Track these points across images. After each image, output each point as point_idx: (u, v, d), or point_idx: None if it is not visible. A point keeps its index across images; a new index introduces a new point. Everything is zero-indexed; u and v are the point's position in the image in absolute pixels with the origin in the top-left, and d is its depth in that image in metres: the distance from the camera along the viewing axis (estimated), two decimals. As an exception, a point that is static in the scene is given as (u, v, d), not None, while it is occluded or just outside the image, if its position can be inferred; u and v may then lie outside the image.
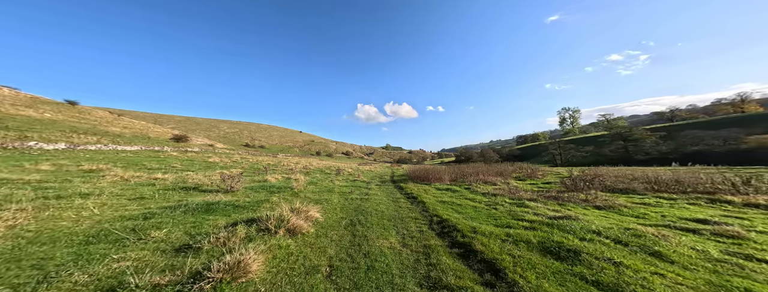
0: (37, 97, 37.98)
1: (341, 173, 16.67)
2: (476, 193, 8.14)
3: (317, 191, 7.50)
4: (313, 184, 9.33)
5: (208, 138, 60.42)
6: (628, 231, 3.45)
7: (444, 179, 11.45)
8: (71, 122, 30.95)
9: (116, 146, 20.77)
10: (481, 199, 6.94)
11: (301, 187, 7.61)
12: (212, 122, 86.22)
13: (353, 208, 5.69)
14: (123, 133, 34.77)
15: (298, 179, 9.61)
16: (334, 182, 10.51)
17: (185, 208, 4.14)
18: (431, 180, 11.54)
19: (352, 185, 10.34)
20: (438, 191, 8.75)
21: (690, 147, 36.20)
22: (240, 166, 16.24)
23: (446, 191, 8.91)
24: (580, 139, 49.27)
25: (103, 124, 36.35)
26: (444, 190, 9.12)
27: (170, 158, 16.66)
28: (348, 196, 7.28)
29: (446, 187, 9.65)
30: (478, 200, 6.85)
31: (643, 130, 39.12)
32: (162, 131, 43.32)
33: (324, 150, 76.72)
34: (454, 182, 11.49)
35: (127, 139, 28.36)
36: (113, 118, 41.42)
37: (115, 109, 65.11)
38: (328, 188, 8.40)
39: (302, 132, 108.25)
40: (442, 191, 8.95)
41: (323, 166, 23.36)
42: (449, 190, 9.05)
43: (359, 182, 12.15)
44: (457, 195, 7.92)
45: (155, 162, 13.29)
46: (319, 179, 11.30)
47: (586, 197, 6.27)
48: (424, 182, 11.48)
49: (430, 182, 11.30)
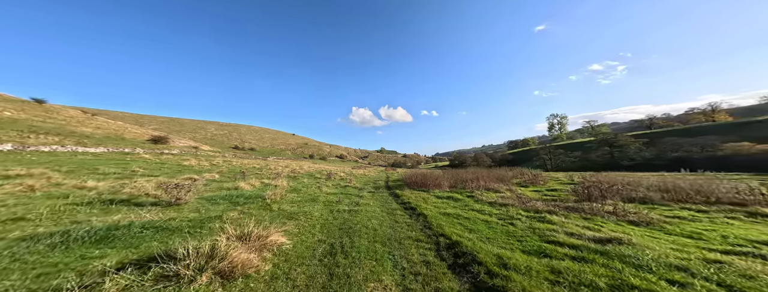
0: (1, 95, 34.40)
1: (332, 178, 15.31)
2: (482, 202, 7.08)
3: (297, 202, 6.18)
4: (296, 191, 7.97)
5: (194, 140, 57.05)
6: (716, 265, 2.44)
7: (443, 186, 10.38)
8: (34, 121, 27.89)
9: (78, 147, 18.44)
10: (490, 210, 5.87)
11: (278, 196, 6.26)
12: (199, 123, 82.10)
13: (338, 224, 4.45)
14: (93, 133, 31.80)
15: (279, 185, 8.24)
16: (322, 189, 9.19)
17: (69, 236, 2.75)
18: (429, 186, 10.43)
19: (342, 192, 9.05)
20: (438, 200, 7.63)
21: (671, 153, 37.37)
22: (218, 169, 14.53)
23: (448, 199, 7.80)
24: (568, 145, 50.20)
25: (73, 124, 33.17)
26: (445, 198, 8.01)
27: (136, 161, 14.74)
28: (334, 207, 6.00)
29: (447, 194, 8.55)
30: (487, 211, 5.77)
31: (627, 137, 40.21)
32: (141, 132, 40.23)
33: (318, 153, 74.45)
34: (453, 188, 10.44)
35: (96, 141, 25.74)
36: (85, 118, 38.07)
37: (91, 108, 60.61)
38: (311, 197, 7.08)
39: (295, 135, 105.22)
40: (442, 199, 7.84)
41: (314, 170, 21.82)
42: (451, 198, 7.95)
43: (351, 188, 10.86)
44: (460, 205, 6.83)
45: (115, 166, 11.46)
46: (304, 185, 9.92)
47: (613, 209, 5.32)
48: (421, 189, 10.34)
49: (429, 189, 10.18)
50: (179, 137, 53.32)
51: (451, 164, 66.89)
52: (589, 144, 44.98)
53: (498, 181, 11.37)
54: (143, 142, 33.23)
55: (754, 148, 30.56)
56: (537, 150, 48.56)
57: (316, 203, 6.22)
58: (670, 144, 38.75)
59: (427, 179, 11.08)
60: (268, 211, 4.68)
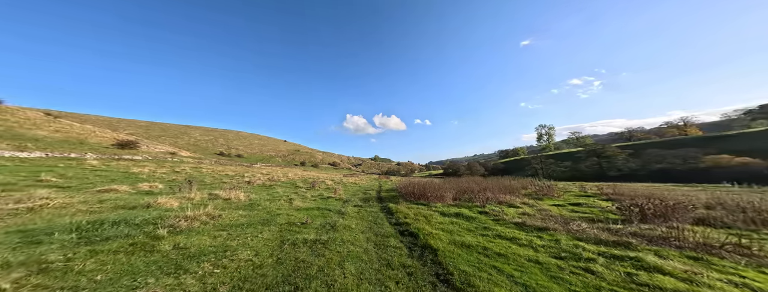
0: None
1: (316, 187, 12.92)
2: (505, 223, 5.09)
3: (235, 226, 3.92)
4: (249, 208, 5.65)
5: (175, 145, 52.43)
6: None
7: (446, 198, 8.33)
8: (-28, 121, 23.83)
9: (8, 152, 15.10)
10: (529, 238, 3.89)
11: (203, 218, 3.93)
12: (182, 128, 76.89)
13: (277, 279, 2.28)
14: (47, 137, 27.76)
15: (231, 198, 5.91)
16: (293, 203, 6.89)
17: None
18: (430, 199, 8.36)
19: (319, 206, 6.79)
20: (445, 219, 5.57)
21: (655, 165, 37.73)
22: (170, 178, 11.82)
23: (456, 217, 5.75)
24: (558, 155, 50.29)
25: (25, 127, 28.99)
26: (452, 215, 5.97)
27: (70, 168, 11.80)
28: (294, 235, 3.79)
29: (454, 210, 6.49)
30: (524, 240, 3.79)
31: (614, 148, 40.55)
32: (108, 137, 36.01)
33: (309, 160, 70.78)
34: (457, 200, 8.44)
35: (45, 144, 22.04)
36: (44, 121, 33.71)
37: (64, 111, 55.10)
38: (265, 217, 4.82)
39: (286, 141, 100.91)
40: (450, 217, 5.78)
41: (300, 177, 19.20)
42: (460, 215, 5.91)
43: (334, 200, 8.59)
44: (477, 227, 4.81)
45: (25, 173, 8.65)
46: (271, 198, 7.57)
47: (723, 241, 3.47)
48: (420, 202, 8.25)
49: (429, 202, 8.11)
50: (157, 143, 48.75)
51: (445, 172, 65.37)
52: (578, 154, 45.09)
53: (507, 192, 9.51)
54: (107, 147, 29.39)
55: (733, 160, 31.15)
56: (529, 159, 48.15)
57: (267, 228, 3.99)
58: (654, 156, 39.33)
59: (427, 190, 9.04)
60: (144, 253, 2.44)
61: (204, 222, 3.71)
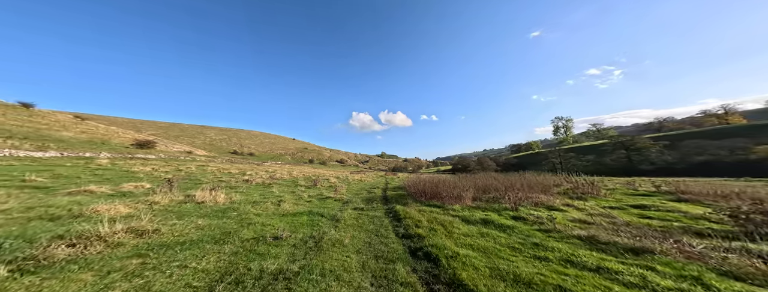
0: (-21, 97, 32.17)
1: (317, 185, 11.84)
2: (563, 237, 3.53)
3: (171, 246, 2.69)
4: (224, 213, 4.49)
5: (192, 145, 54.23)
6: None
7: (465, 198, 6.78)
8: (7, 126, 25.23)
9: (27, 152, 15.34)
10: (627, 267, 2.32)
11: (120, 235, 2.72)
12: (199, 129, 79.81)
13: None
14: (73, 137, 29.00)
15: (205, 201, 4.78)
16: (281, 205, 5.70)
17: None
18: (445, 199, 6.85)
19: (313, 209, 5.54)
20: (471, 229, 4.09)
21: (696, 157, 33.32)
22: (169, 176, 11.14)
23: (486, 225, 4.25)
24: (579, 148, 46.26)
25: (54, 129, 30.51)
26: (479, 223, 4.47)
27: (73, 167, 11.52)
28: (252, 260, 2.51)
29: (480, 216, 4.95)
30: (624, 271, 2.24)
31: (646, 140, 36.30)
32: (130, 137, 37.45)
33: (317, 158, 70.99)
34: (477, 200, 6.88)
35: (68, 145, 22.78)
36: (72, 123, 35.55)
37: (93, 115, 58.57)
38: (233, 228, 3.60)
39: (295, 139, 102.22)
40: (477, 225, 4.29)
41: (305, 175, 18.34)
42: (490, 223, 4.40)
43: (332, 201, 7.35)
44: (523, 242, 3.30)
45: (17, 173, 8.18)
46: (262, 199, 6.45)
47: None
48: (433, 203, 6.78)
49: (444, 202, 6.62)
50: (176, 142, 50.54)
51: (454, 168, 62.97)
52: (603, 147, 41.06)
53: (539, 190, 7.77)
54: (127, 147, 30.39)
55: (795, 150, 26.57)
56: (545, 154, 44.67)
57: (218, 248, 2.73)
58: (693, 147, 34.78)
59: (441, 188, 7.52)
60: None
61: (116, 244, 2.50)
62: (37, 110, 34.81)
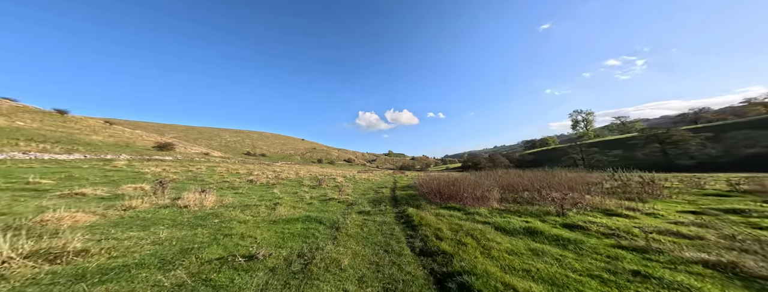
0: (22, 107, 34.96)
1: (322, 185, 11.10)
2: (687, 265, 2.32)
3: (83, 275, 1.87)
4: (203, 220, 3.72)
5: (208, 147, 56.31)
6: None
7: (490, 199, 5.61)
8: (42, 131, 26.92)
9: (53, 155, 15.95)
10: None
11: (16, 264, 1.93)
12: (215, 131, 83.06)
13: None
14: (103, 141, 30.62)
15: (188, 205, 4.06)
16: (276, 209, 4.90)
17: None
18: (466, 200, 5.72)
19: (311, 214, 4.67)
20: (517, 243, 2.98)
21: (745, 150, 29.17)
22: (171, 178, 10.88)
23: (534, 238, 3.13)
24: (603, 143, 42.49)
25: (85, 133, 32.43)
26: (523, 234, 3.35)
27: (89, 169, 11.63)
28: None
29: (519, 223, 3.79)
30: None
31: (684, 132, 32.37)
32: (152, 140, 39.26)
33: (326, 157, 71.35)
34: (504, 201, 5.69)
35: (95, 148, 23.87)
36: (102, 127, 37.79)
37: (114, 118, 62.51)
38: (201, 242, 2.77)
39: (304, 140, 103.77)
40: (522, 238, 3.18)
41: (310, 175, 17.81)
42: (539, 234, 3.26)
43: (335, 202, 6.48)
44: (619, 270, 2.15)
45: (30, 174, 8.10)
46: (259, 201, 5.71)
47: None
48: (451, 205, 5.67)
49: (464, 204, 5.50)
50: (194, 144, 52.63)
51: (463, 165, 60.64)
52: (632, 141, 37.30)
53: (579, 189, 6.39)
54: (148, 149, 31.71)
55: None
56: (564, 149, 41.44)
57: (154, 278, 1.85)
58: (741, 139, 30.50)
59: (459, 187, 6.38)
60: None
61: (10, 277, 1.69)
62: (71, 116, 37.35)
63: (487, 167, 46.63)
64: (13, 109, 32.16)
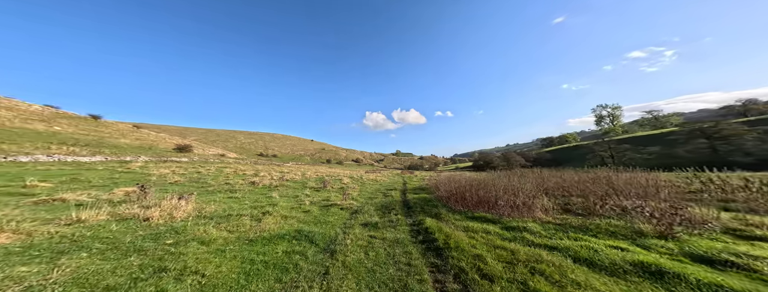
0: (62, 113, 37.71)
1: (327, 187, 10.15)
2: None
3: None
4: (154, 240, 2.74)
5: (225, 148, 58.30)
6: None
7: (535, 208, 4.21)
8: (76, 135, 28.60)
9: (65, 156, 16.44)
10: None
11: None
12: (231, 133, 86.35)
13: None
14: (129, 144, 32.10)
15: (151, 218, 3.13)
16: (263, 221, 3.89)
17: None
18: (501, 209, 4.35)
19: (303, 227, 3.61)
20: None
21: (819, 143, 24.43)
22: (175, 179, 10.43)
23: (656, 280, 1.76)
24: (635, 139, 38.17)
25: (114, 137, 34.27)
26: (631, 270, 1.99)
27: (104, 171, 11.61)
28: None
29: (615, 252, 2.40)
30: None
31: (737, 125, 27.90)
32: (173, 142, 41.00)
33: (334, 157, 71.41)
34: (547, 212, 4.26)
35: (121, 150, 24.84)
36: (130, 131, 40.02)
37: (142, 123, 66.61)
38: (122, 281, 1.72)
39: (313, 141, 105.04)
40: (634, 278, 1.81)
41: (317, 176, 17.03)
42: (661, 275, 1.88)
43: (337, 209, 5.41)
44: None
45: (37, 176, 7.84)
46: (246, 209, 4.76)
47: None
48: (479, 214, 4.34)
49: (501, 214, 4.15)
50: (212, 146, 54.69)
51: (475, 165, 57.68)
52: (671, 136, 33.00)
53: (652, 196, 4.77)
54: (169, 151, 32.89)
55: None
56: (590, 146, 37.70)
57: None
58: (814, 131, 25.64)
59: (492, 191, 5.00)
60: None
61: None
62: (103, 121, 39.92)
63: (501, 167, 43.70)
64: (53, 115, 34.83)
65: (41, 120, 31.29)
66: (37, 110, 36.39)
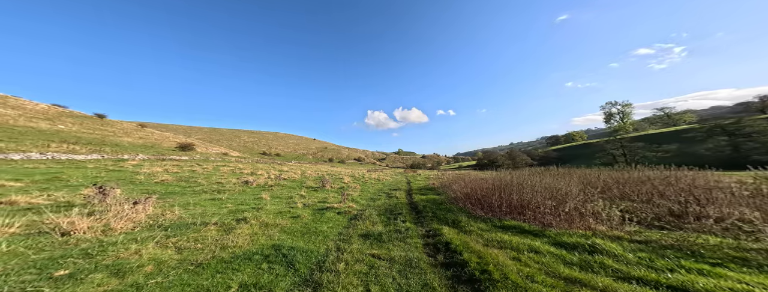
0: (68, 112, 37.70)
1: (326, 187, 9.23)
2: None
3: None
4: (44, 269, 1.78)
5: (229, 147, 58.07)
6: None
7: (586, 216, 3.15)
8: (79, 133, 28.27)
9: (60, 154, 15.88)
10: None
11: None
12: (235, 132, 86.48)
13: None
14: (132, 142, 31.74)
15: (75, 231, 2.16)
16: (232, 233, 2.90)
17: None
18: (544, 217, 3.30)
19: (287, 241, 2.64)
20: None
21: None
22: (165, 177, 9.62)
23: None
24: (649, 137, 36.33)
25: (118, 135, 34.00)
26: None
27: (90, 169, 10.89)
28: None
29: None
30: None
31: (762, 122, 26.00)
32: (177, 141, 40.74)
33: (336, 156, 70.68)
34: (609, 223, 3.19)
35: (121, 148, 24.32)
36: (134, 130, 39.87)
37: (148, 122, 66.96)
38: None
39: (316, 140, 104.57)
40: None
41: (316, 174, 16.15)
42: None
43: (333, 214, 4.44)
44: None
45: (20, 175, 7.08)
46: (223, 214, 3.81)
47: None
48: (507, 222, 3.29)
49: (543, 225, 3.10)
50: (215, 145, 54.50)
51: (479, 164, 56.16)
52: (688, 133, 31.15)
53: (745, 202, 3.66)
54: (171, 150, 32.48)
55: None
56: (601, 144, 36.02)
57: None
58: None
59: (524, 194, 3.95)
60: None
61: None
62: (108, 120, 39.85)
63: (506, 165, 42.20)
64: (58, 113, 34.79)
65: (46, 119, 31.09)
66: (43, 109, 36.35)
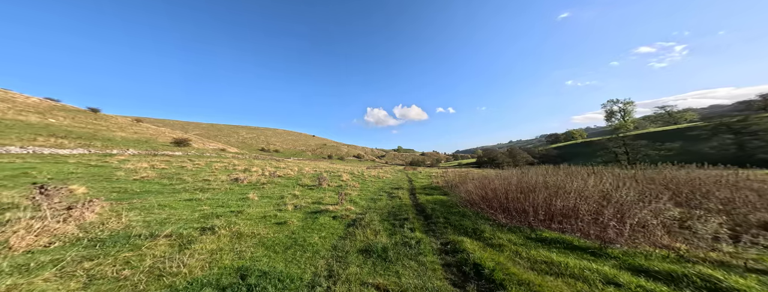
0: (60, 106, 36.43)
1: (323, 185, 8.48)
2: None
3: None
4: None
5: (227, 143, 57.01)
6: None
7: (654, 229, 2.40)
8: (70, 127, 27.15)
9: (41, 149, 14.95)
10: None
11: None
12: (233, 128, 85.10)
13: None
14: (125, 137, 30.62)
15: None
16: (189, 249, 2.07)
17: None
18: (606, 229, 2.55)
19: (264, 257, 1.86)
20: None
21: None
22: (148, 173, 8.80)
23: None
24: (651, 135, 35.72)
25: (112, 129, 32.85)
26: None
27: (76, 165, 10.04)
28: None
29: None
30: None
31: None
32: (173, 136, 39.70)
33: (335, 153, 69.88)
34: (693, 240, 2.45)
35: (112, 143, 23.32)
36: (129, 125, 38.71)
37: (145, 117, 65.46)
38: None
39: (315, 136, 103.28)
40: None
41: (314, 172, 15.38)
42: None
43: (327, 219, 3.65)
44: None
45: None
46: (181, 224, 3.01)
47: None
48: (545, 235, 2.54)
49: (604, 242, 2.35)
50: (213, 141, 53.43)
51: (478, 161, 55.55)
52: (692, 131, 30.53)
53: None
54: (166, 145, 31.49)
55: None
56: (603, 142, 35.38)
57: None
58: None
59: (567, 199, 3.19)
60: None
61: None
62: (102, 114, 38.59)
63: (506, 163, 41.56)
64: (50, 107, 33.53)
65: (37, 112, 29.85)
66: (34, 103, 34.87)
